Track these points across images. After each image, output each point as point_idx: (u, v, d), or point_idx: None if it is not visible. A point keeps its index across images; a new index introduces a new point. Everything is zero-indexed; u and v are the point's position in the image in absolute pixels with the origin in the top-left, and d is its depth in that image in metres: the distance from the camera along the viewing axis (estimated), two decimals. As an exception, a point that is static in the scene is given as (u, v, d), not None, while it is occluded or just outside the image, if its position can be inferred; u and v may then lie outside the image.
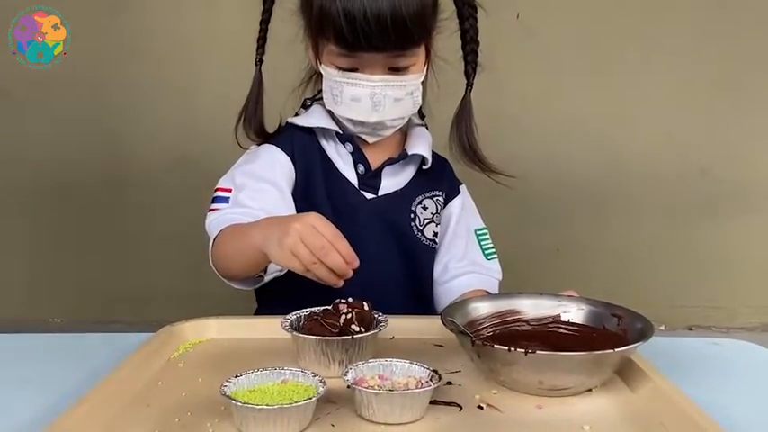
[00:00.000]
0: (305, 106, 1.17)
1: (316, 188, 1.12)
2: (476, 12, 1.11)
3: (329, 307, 0.88)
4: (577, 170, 2.23)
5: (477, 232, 1.22)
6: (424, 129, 1.20)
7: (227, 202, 1.07)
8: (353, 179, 1.13)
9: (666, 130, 2.22)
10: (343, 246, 0.86)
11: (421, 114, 1.20)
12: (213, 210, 1.08)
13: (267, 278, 1.04)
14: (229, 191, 1.08)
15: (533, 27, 2.13)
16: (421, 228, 1.16)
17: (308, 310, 0.89)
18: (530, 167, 2.17)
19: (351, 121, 1.08)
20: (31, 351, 0.99)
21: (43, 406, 0.78)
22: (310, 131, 1.14)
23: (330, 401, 0.74)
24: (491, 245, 1.22)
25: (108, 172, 2.24)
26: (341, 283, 0.87)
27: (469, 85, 1.16)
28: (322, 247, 0.84)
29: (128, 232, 2.27)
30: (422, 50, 1.06)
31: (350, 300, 0.88)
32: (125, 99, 2.19)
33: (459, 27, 1.12)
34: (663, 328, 0.77)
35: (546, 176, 2.22)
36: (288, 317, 0.88)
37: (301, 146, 1.13)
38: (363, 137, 1.11)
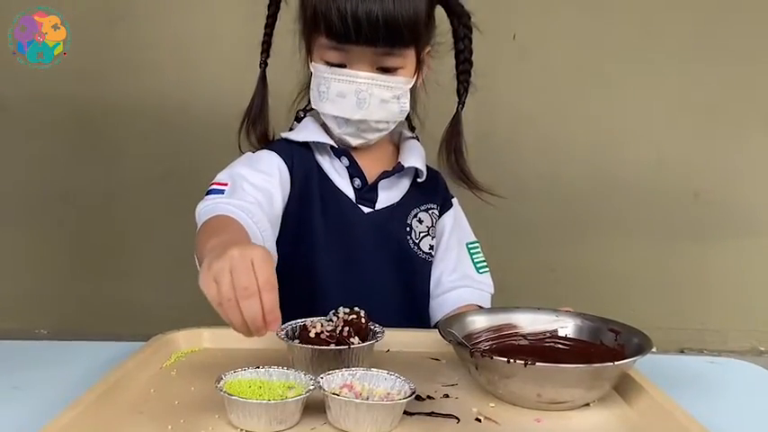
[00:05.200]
0: (297, 119, 1.17)
1: (312, 203, 1.11)
2: (471, 32, 1.13)
3: (325, 317, 0.87)
4: (571, 191, 2.23)
5: (469, 245, 1.21)
6: (416, 141, 1.20)
7: (222, 194, 1.04)
8: (350, 193, 1.13)
9: (659, 153, 2.23)
10: (271, 299, 0.70)
11: (411, 127, 1.21)
12: (204, 200, 1.03)
13: None
14: (225, 184, 1.05)
15: (529, 48, 2.15)
16: (417, 241, 1.15)
17: (303, 319, 0.88)
18: (523, 187, 2.18)
19: (335, 119, 1.07)
20: (19, 359, 0.97)
21: (32, 413, 0.77)
22: (306, 146, 1.13)
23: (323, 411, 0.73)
24: (483, 258, 1.22)
25: (97, 185, 2.22)
26: (249, 336, 0.72)
27: (461, 104, 1.17)
28: (245, 288, 0.69)
29: (116, 244, 2.25)
30: (411, 55, 1.06)
31: (346, 310, 0.87)
32: (116, 108, 2.18)
33: (454, 46, 1.14)
34: (655, 350, 0.77)
35: (540, 197, 2.22)
36: (283, 326, 0.87)
37: (300, 159, 1.12)
38: (348, 139, 1.10)
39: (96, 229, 2.25)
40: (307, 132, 1.13)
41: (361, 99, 1.04)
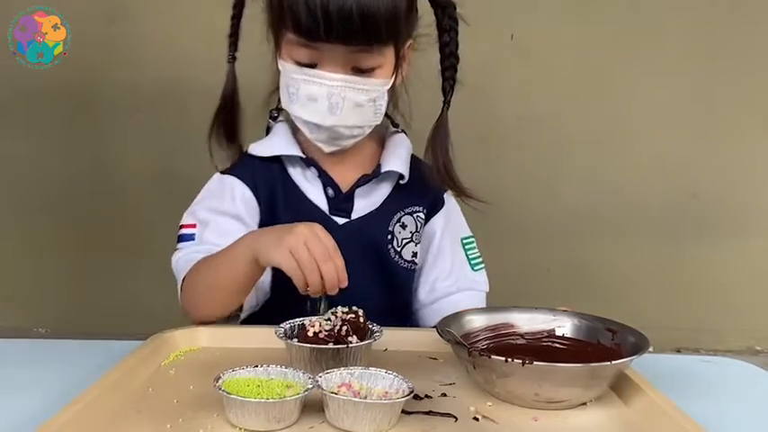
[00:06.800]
0: (272, 117, 1.11)
1: (281, 219, 1.04)
2: (456, 24, 1.03)
3: (324, 316, 0.87)
4: (568, 191, 2.24)
5: (464, 241, 1.15)
6: (402, 137, 1.12)
7: (193, 240, 1.04)
8: (323, 204, 1.06)
9: (657, 154, 2.23)
10: (341, 261, 0.85)
11: (394, 125, 1.13)
12: (179, 249, 1.04)
13: (243, 316, 1.01)
14: (194, 226, 1.04)
15: (527, 48, 2.15)
16: (399, 249, 1.09)
17: (301, 319, 0.88)
18: (521, 186, 2.19)
19: (306, 123, 0.99)
20: (18, 357, 0.97)
21: (30, 412, 0.77)
22: (274, 157, 1.07)
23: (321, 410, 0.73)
24: (478, 254, 1.16)
25: (95, 183, 2.22)
26: (321, 294, 0.86)
27: (446, 103, 1.06)
28: (323, 254, 0.83)
29: (115, 244, 2.24)
30: (390, 53, 0.97)
31: (345, 309, 0.87)
32: (114, 108, 2.18)
33: (438, 40, 1.04)
34: (651, 350, 0.77)
35: (537, 197, 2.22)
36: (282, 325, 0.87)
37: (263, 175, 1.06)
38: (320, 145, 1.02)
39: (95, 227, 2.24)
40: (273, 143, 1.07)
41: (333, 103, 0.96)
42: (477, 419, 0.74)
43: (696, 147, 2.23)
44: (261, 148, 1.08)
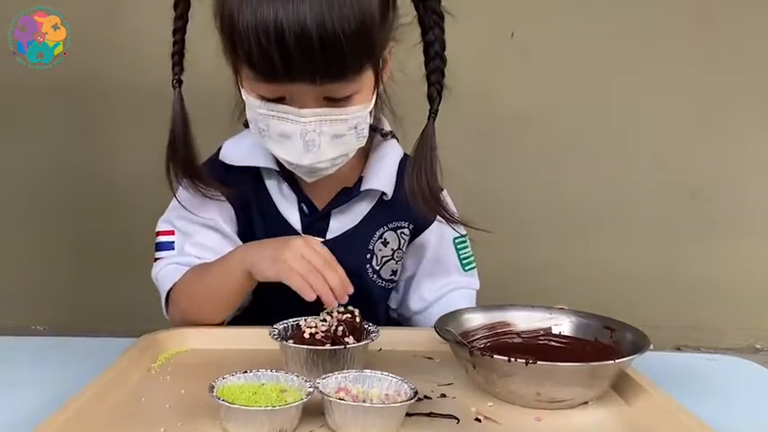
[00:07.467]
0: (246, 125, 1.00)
1: (255, 233, 0.99)
2: (442, 20, 0.88)
3: (319, 316, 0.86)
4: (567, 189, 2.23)
5: (456, 240, 1.08)
6: (390, 143, 1.03)
7: (173, 249, 0.99)
8: (296, 222, 1.00)
9: (656, 152, 2.23)
10: (341, 270, 0.85)
11: (381, 133, 1.04)
12: (159, 259, 1.00)
13: (226, 321, 1.00)
14: (172, 233, 1.00)
15: (527, 46, 2.14)
16: (378, 268, 1.03)
17: (296, 319, 0.86)
18: (520, 186, 2.18)
19: (282, 159, 0.91)
20: (16, 355, 0.96)
21: (28, 410, 0.76)
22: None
23: (321, 414, 0.72)
24: (469, 253, 1.10)
25: (94, 182, 2.21)
26: (334, 303, 0.83)
27: (433, 113, 0.91)
28: (324, 264, 0.83)
29: (113, 242, 2.23)
30: (368, 74, 0.86)
31: (341, 309, 0.86)
32: (114, 108, 2.17)
33: (422, 38, 0.90)
34: (651, 348, 0.76)
35: (536, 195, 2.21)
36: (276, 326, 0.86)
37: (238, 185, 0.99)
38: (301, 176, 0.94)
39: (94, 226, 2.24)
40: (247, 150, 0.99)
41: (308, 141, 0.85)
42: (479, 420, 0.73)
43: (695, 145, 2.23)
44: (234, 154, 1.00)
